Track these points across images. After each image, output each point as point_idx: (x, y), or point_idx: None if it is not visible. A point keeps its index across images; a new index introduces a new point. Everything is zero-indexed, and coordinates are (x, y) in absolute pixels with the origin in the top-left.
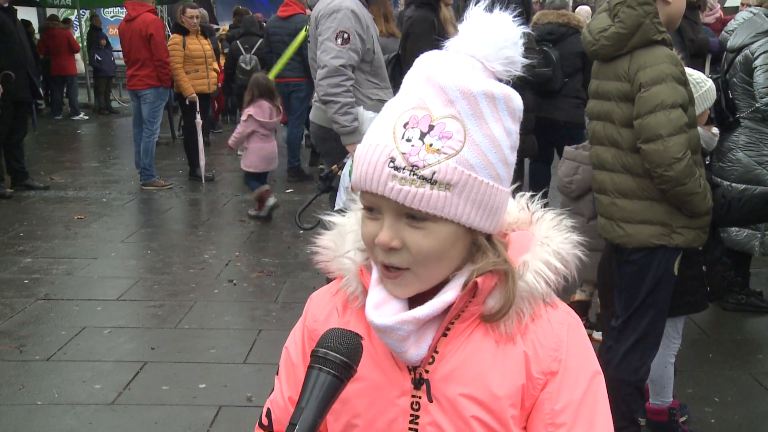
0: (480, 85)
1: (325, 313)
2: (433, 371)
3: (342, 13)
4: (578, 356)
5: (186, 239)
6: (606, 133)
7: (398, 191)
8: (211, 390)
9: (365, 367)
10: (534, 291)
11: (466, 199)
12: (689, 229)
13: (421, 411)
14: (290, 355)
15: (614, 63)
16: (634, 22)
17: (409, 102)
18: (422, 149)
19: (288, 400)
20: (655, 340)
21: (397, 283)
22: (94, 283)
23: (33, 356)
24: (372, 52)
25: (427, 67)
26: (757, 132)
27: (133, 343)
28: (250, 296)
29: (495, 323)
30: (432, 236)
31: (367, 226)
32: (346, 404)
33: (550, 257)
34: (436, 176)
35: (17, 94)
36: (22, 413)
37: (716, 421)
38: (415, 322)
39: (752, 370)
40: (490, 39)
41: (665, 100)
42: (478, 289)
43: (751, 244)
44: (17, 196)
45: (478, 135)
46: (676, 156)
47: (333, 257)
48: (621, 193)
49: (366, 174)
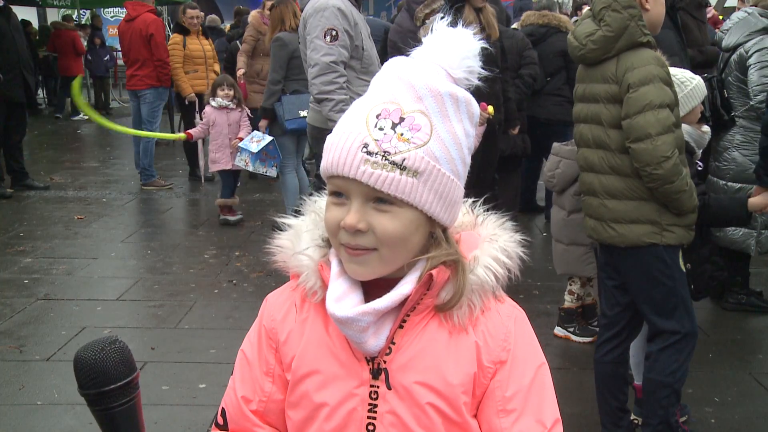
0: (446, 87)
1: (283, 310)
2: (391, 361)
3: (329, 11)
4: (525, 347)
5: (186, 239)
6: (593, 136)
7: (369, 174)
8: (211, 390)
9: (323, 360)
10: (485, 284)
11: (430, 189)
12: (678, 227)
13: (380, 400)
14: (246, 355)
15: (601, 66)
16: (620, 24)
17: (380, 97)
18: (394, 137)
19: (241, 399)
20: (689, 339)
21: (360, 261)
22: (94, 283)
23: (33, 356)
24: (361, 49)
25: (398, 68)
26: (752, 131)
27: (133, 343)
28: (250, 296)
29: (448, 315)
30: (397, 220)
31: (332, 211)
32: (305, 397)
33: (498, 253)
34: (406, 162)
35: (9, 94)
36: (22, 413)
37: (716, 421)
38: (374, 313)
39: (752, 370)
40: (454, 50)
41: (653, 100)
42: (433, 281)
43: (747, 242)
44: (17, 196)
45: (443, 131)
46: (665, 154)
47: (291, 255)
48: (610, 194)
49: (338, 159)
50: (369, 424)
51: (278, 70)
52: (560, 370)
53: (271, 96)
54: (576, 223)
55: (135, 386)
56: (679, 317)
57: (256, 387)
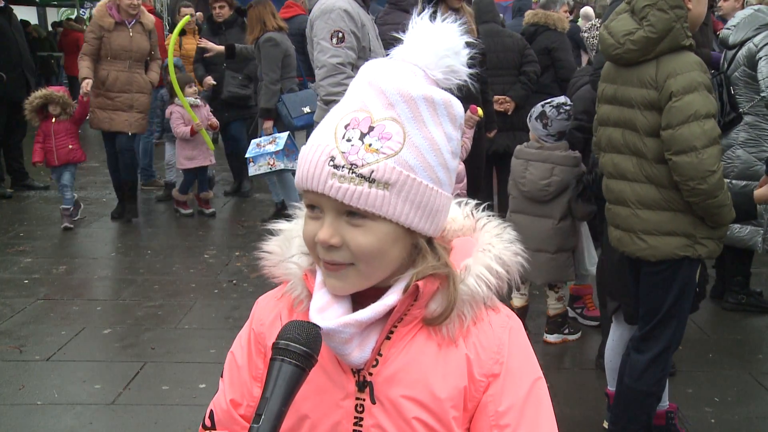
0: (420, 90)
1: (271, 317)
2: (377, 374)
3: (335, 13)
4: (520, 359)
5: (186, 239)
6: (626, 141)
7: (337, 189)
8: (211, 390)
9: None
10: (475, 295)
11: (404, 200)
12: (711, 240)
13: (365, 413)
14: (235, 358)
15: (638, 68)
16: (665, 26)
17: (351, 105)
18: (361, 149)
19: (230, 403)
20: (675, 349)
21: (338, 276)
22: (94, 283)
23: (33, 356)
24: (368, 50)
25: (370, 72)
26: (757, 128)
27: (133, 343)
28: (250, 296)
29: (437, 327)
30: (370, 234)
31: (308, 225)
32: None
33: (491, 262)
34: (374, 175)
35: (12, 94)
36: (22, 413)
37: (716, 421)
38: (357, 324)
39: (752, 370)
40: (432, 48)
41: (699, 110)
42: (419, 292)
43: (754, 240)
44: (17, 196)
45: (418, 137)
46: (711, 168)
47: (278, 262)
48: (644, 204)
49: (307, 173)
50: None
51: (275, 69)
52: (560, 371)
53: (272, 96)
54: (565, 229)
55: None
56: (675, 327)
57: (245, 391)
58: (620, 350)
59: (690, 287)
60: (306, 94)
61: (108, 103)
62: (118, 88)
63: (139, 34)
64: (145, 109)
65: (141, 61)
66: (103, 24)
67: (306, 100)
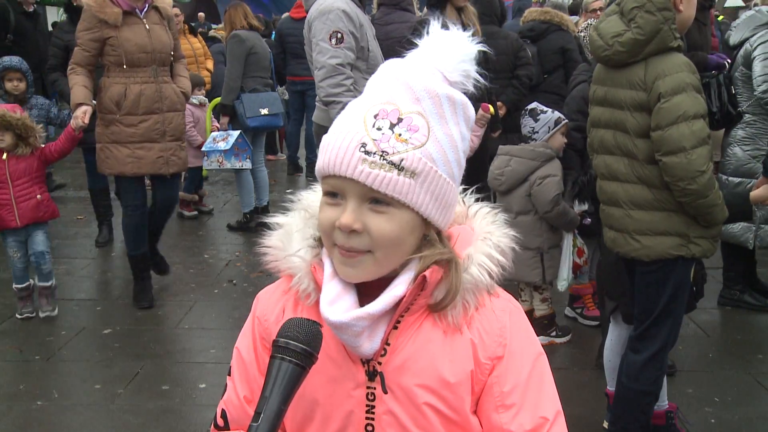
0: (444, 89)
1: (275, 312)
2: (386, 363)
3: (333, 14)
4: (521, 340)
5: (186, 239)
6: (618, 143)
7: (367, 174)
8: (211, 390)
9: (319, 361)
10: (479, 283)
11: (426, 190)
12: (705, 239)
13: (377, 401)
14: (242, 354)
15: (627, 70)
16: (653, 28)
17: (378, 98)
18: (392, 137)
19: (243, 399)
20: (671, 348)
21: (353, 264)
22: (93, 283)
23: (33, 356)
24: (367, 50)
25: (396, 69)
26: (754, 127)
27: (133, 343)
28: (250, 296)
29: (442, 314)
30: (393, 221)
31: (326, 211)
32: (302, 398)
33: (491, 250)
34: (404, 163)
35: None
36: (22, 413)
37: (716, 421)
38: (369, 317)
39: (752, 370)
40: (451, 53)
41: (687, 110)
42: (426, 282)
43: (745, 236)
44: None
45: (440, 133)
46: (700, 169)
47: (283, 256)
48: (636, 204)
49: (335, 158)
50: (368, 425)
51: (236, 66)
52: (560, 371)
53: (230, 92)
54: (524, 224)
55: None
56: (671, 327)
57: (255, 387)
58: (619, 350)
59: (684, 286)
60: (268, 96)
61: (129, 133)
62: (144, 109)
63: (157, 26)
64: (181, 134)
65: (167, 65)
66: (106, 17)
67: (266, 102)
